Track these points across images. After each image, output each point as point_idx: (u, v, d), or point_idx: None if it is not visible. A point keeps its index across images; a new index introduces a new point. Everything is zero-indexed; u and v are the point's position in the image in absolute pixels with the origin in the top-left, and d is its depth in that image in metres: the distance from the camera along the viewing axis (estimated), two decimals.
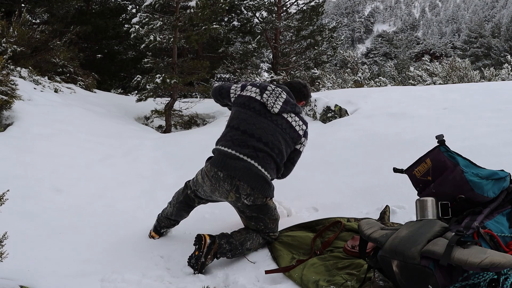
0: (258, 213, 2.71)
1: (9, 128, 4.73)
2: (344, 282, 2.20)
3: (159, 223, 3.07)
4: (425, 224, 1.99)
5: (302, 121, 2.83)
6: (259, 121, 2.70)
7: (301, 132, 2.80)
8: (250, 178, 2.60)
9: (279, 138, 2.70)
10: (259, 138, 2.66)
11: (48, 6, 10.53)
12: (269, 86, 2.81)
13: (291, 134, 2.76)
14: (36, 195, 3.42)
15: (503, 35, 34.85)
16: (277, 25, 13.83)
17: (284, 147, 2.74)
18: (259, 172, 2.63)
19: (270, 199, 2.75)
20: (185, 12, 8.40)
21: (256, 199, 2.65)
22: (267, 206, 2.73)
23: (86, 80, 9.52)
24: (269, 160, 2.67)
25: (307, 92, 3.01)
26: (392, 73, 16.87)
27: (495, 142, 3.56)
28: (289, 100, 2.80)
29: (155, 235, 3.07)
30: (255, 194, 2.62)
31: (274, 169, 2.73)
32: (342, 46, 27.23)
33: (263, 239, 2.77)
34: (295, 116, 2.80)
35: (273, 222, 2.78)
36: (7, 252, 2.05)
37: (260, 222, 2.73)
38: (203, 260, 2.55)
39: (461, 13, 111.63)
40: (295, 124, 2.78)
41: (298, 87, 2.98)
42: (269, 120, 2.72)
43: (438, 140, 2.28)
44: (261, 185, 2.63)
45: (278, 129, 2.71)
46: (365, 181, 3.53)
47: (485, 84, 7.65)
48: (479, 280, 1.73)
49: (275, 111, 2.72)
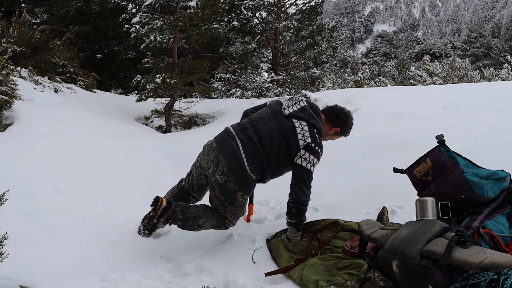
0: (225, 198, 2.74)
1: (9, 128, 4.73)
2: (344, 282, 2.20)
3: None
4: (425, 224, 1.99)
5: (312, 134, 2.65)
6: (268, 119, 2.75)
7: (301, 142, 2.64)
8: (232, 159, 2.66)
9: (274, 139, 2.67)
10: (258, 132, 2.70)
11: (48, 6, 10.53)
12: (296, 97, 2.86)
13: (290, 140, 2.66)
14: (36, 195, 3.41)
15: (503, 35, 34.85)
16: (277, 25, 13.83)
17: (276, 150, 2.66)
18: (241, 159, 2.65)
19: (241, 194, 2.73)
20: (185, 12, 8.40)
21: (227, 182, 2.67)
22: (234, 197, 2.73)
23: (86, 80, 9.52)
24: (255, 153, 2.66)
25: (345, 120, 2.86)
26: (392, 73, 16.86)
27: (495, 142, 3.56)
28: (307, 109, 2.75)
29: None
30: (229, 176, 2.66)
31: (257, 166, 2.67)
32: (342, 46, 27.26)
33: (217, 222, 2.82)
34: (306, 125, 2.67)
35: (232, 214, 2.81)
36: (7, 252, 2.05)
37: (223, 207, 2.78)
38: (155, 222, 2.71)
39: (461, 13, 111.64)
40: (299, 131, 2.66)
41: (336, 111, 2.89)
42: (277, 120, 2.72)
43: (438, 140, 2.28)
44: (237, 171, 2.65)
45: (278, 131, 2.69)
46: (365, 181, 3.53)
47: (485, 84, 7.66)
48: (479, 280, 1.73)
49: (285, 113, 2.73)
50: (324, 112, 2.87)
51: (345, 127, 2.90)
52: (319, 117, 2.78)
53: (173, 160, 4.92)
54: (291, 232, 2.79)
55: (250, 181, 2.72)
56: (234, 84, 13.98)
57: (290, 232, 2.79)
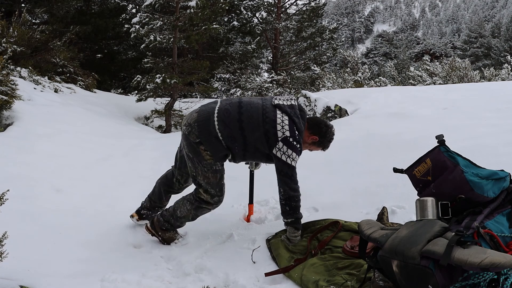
0: (193, 155, 2.75)
1: (9, 128, 4.73)
2: (344, 282, 2.20)
3: (142, 204, 3.22)
4: (425, 224, 1.99)
5: (291, 129, 2.66)
6: (256, 100, 2.81)
7: (279, 133, 2.64)
8: (203, 114, 2.72)
9: (253, 115, 2.69)
10: (241, 102, 2.76)
11: (48, 6, 10.54)
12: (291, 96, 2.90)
13: (268, 127, 2.66)
14: (36, 195, 3.41)
15: (503, 35, 34.83)
16: (277, 25, 13.84)
17: (252, 127, 2.67)
18: (212, 114, 2.69)
19: (203, 148, 2.71)
20: (185, 12, 8.40)
21: (190, 134, 2.71)
22: (199, 153, 2.72)
23: (86, 80, 9.52)
24: (228, 115, 2.69)
25: (325, 131, 2.86)
26: (392, 73, 16.85)
27: (495, 142, 3.57)
28: (295, 108, 2.76)
29: (135, 214, 3.20)
30: (193, 127, 2.70)
31: (227, 127, 2.67)
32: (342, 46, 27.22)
33: (190, 204, 2.88)
34: (288, 119, 2.68)
35: (205, 178, 2.79)
36: (7, 252, 2.05)
37: (194, 168, 2.80)
38: (160, 239, 2.97)
39: (461, 13, 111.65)
40: (279, 122, 2.66)
41: (319, 121, 2.93)
42: (263, 103, 2.76)
43: (438, 140, 2.28)
44: (203, 122, 2.69)
45: (260, 111, 2.71)
46: (365, 181, 3.53)
47: (485, 84, 7.66)
48: (479, 280, 1.73)
49: (274, 102, 2.75)
50: (307, 120, 2.86)
51: (324, 138, 2.88)
52: (303, 120, 2.79)
53: (173, 160, 4.91)
54: (290, 232, 2.79)
55: (213, 137, 2.68)
56: (234, 84, 13.99)
57: (289, 232, 2.79)
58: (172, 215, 2.92)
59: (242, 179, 3.45)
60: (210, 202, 2.88)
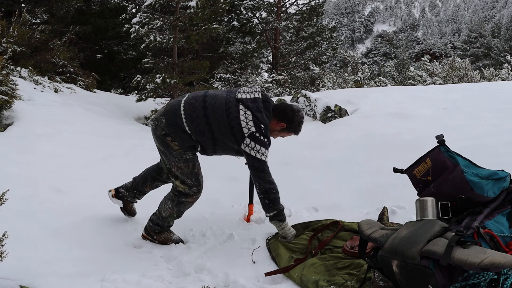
0: (163, 147, 2.80)
1: (9, 128, 4.73)
2: (344, 282, 2.20)
3: (124, 183, 3.25)
4: (425, 224, 1.99)
5: (255, 123, 2.67)
6: (221, 93, 2.83)
7: (245, 130, 2.66)
8: (170, 107, 2.79)
9: (217, 110, 2.71)
10: (205, 96, 2.78)
11: (48, 6, 10.53)
12: (256, 87, 2.88)
13: (233, 123, 2.67)
14: (36, 195, 3.41)
15: (503, 35, 34.83)
16: (277, 25, 13.84)
17: (218, 122, 2.69)
18: (178, 108, 2.74)
19: (170, 139, 2.75)
20: (185, 12, 8.40)
21: (157, 127, 2.76)
22: (167, 144, 2.76)
23: (86, 80, 9.51)
24: (194, 109, 2.72)
25: (292, 115, 2.85)
26: (392, 73, 16.85)
27: (495, 142, 3.57)
28: (258, 101, 2.75)
29: (112, 190, 3.25)
30: (160, 120, 2.76)
31: (194, 121, 2.71)
32: (342, 46, 27.24)
33: (170, 201, 2.92)
34: (251, 115, 2.68)
35: (178, 169, 2.83)
36: (7, 252, 2.05)
37: (166, 159, 2.85)
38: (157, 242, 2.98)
39: (461, 13, 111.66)
40: (242, 119, 2.67)
41: (284, 107, 2.90)
42: (227, 96, 2.77)
43: (438, 140, 2.28)
44: (169, 115, 2.74)
45: (223, 106, 2.72)
46: (365, 181, 3.54)
47: (485, 84, 7.65)
48: (479, 280, 1.73)
49: (237, 96, 2.76)
50: (273, 108, 2.86)
51: (291, 123, 2.87)
52: (268, 112, 2.79)
53: None
54: (277, 227, 2.81)
55: (180, 130, 2.72)
56: (234, 84, 13.99)
57: (277, 227, 2.82)
58: (159, 217, 2.97)
59: (242, 179, 3.46)
60: (189, 193, 2.90)
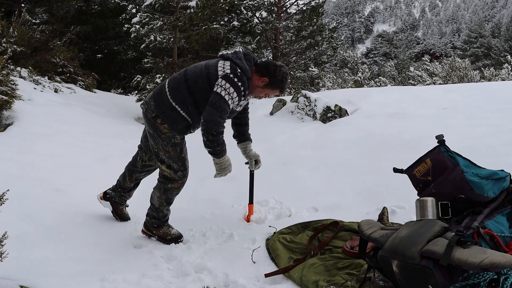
0: (153, 131, 2.83)
1: (9, 128, 4.73)
2: (344, 282, 2.20)
3: (112, 185, 3.33)
4: (425, 224, 1.99)
5: (232, 67, 2.66)
6: (202, 62, 2.85)
7: (220, 72, 2.65)
8: (157, 90, 2.86)
9: (197, 71, 2.74)
10: (187, 68, 2.83)
11: (48, 6, 10.53)
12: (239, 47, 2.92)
13: (210, 71, 2.69)
14: (36, 195, 3.41)
15: (503, 35, 34.86)
16: (277, 25, 13.84)
17: (195, 83, 2.71)
18: (163, 86, 2.81)
19: (160, 121, 2.77)
20: (185, 12, 8.40)
21: (148, 110, 2.80)
22: (157, 127, 2.79)
23: (86, 80, 9.51)
24: (176, 81, 2.77)
25: (274, 69, 2.80)
26: (392, 73, 16.87)
27: (495, 142, 3.57)
28: (239, 53, 2.77)
29: (101, 194, 3.35)
30: (149, 104, 2.81)
31: (177, 92, 2.74)
32: (342, 46, 27.23)
33: (157, 190, 2.97)
34: (229, 63, 2.69)
35: (166, 153, 2.85)
36: (7, 252, 2.05)
37: (155, 143, 2.87)
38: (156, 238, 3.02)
39: (461, 13, 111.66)
40: (220, 65, 2.69)
41: (266, 62, 2.89)
42: (209, 61, 2.81)
43: (438, 140, 2.28)
44: (156, 97, 2.79)
45: (203, 66, 2.75)
46: (365, 181, 3.54)
47: (485, 84, 7.66)
48: (479, 280, 1.73)
49: (218, 55, 2.81)
50: (256, 64, 2.85)
51: (274, 77, 2.80)
52: (248, 62, 2.77)
53: None
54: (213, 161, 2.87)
55: (169, 108, 2.75)
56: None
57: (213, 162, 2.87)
58: (153, 210, 3.01)
59: (242, 179, 3.46)
60: (174, 178, 2.92)
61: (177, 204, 3.20)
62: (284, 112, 6.20)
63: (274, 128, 5.64)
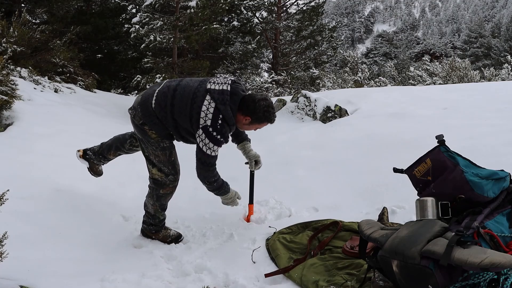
0: (142, 136, 2.87)
1: (9, 128, 4.73)
2: (344, 282, 2.20)
3: (94, 146, 3.44)
4: (425, 224, 1.99)
5: (214, 118, 2.62)
6: (195, 81, 2.83)
7: (201, 121, 2.63)
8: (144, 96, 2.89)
9: (184, 96, 2.72)
10: (179, 85, 2.80)
11: (48, 6, 10.52)
12: (228, 78, 2.85)
13: (194, 113, 2.67)
14: (36, 195, 3.41)
15: (503, 35, 34.87)
16: (277, 25, 13.84)
17: (181, 106, 2.71)
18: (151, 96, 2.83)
19: (147, 128, 2.82)
20: (185, 12, 8.40)
21: (135, 116, 2.86)
22: (145, 132, 2.83)
23: (86, 80, 9.50)
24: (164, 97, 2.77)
25: (253, 107, 2.72)
26: (392, 73, 16.87)
27: (495, 142, 3.57)
28: (226, 93, 2.67)
29: (81, 150, 3.45)
30: (137, 109, 2.86)
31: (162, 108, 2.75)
32: (342, 46, 27.23)
33: (150, 197, 3.00)
34: (213, 108, 2.63)
35: (156, 157, 2.90)
36: (7, 252, 2.05)
37: (145, 148, 2.92)
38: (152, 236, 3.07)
39: (461, 13, 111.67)
40: (204, 109, 2.64)
41: (246, 100, 2.75)
42: (198, 85, 2.76)
43: (438, 140, 2.28)
44: (143, 104, 2.83)
45: (191, 93, 2.72)
46: (365, 181, 3.54)
47: (485, 84, 7.66)
48: (479, 280, 1.73)
49: (207, 86, 2.74)
50: (240, 101, 2.77)
51: (255, 115, 2.75)
52: (234, 105, 2.72)
53: None
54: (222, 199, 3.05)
55: (154, 117, 2.78)
56: None
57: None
58: (149, 217, 3.05)
59: (242, 179, 3.46)
60: (166, 181, 2.94)
61: (177, 204, 3.20)
62: (284, 112, 6.20)
63: (274, 128, 5.60)
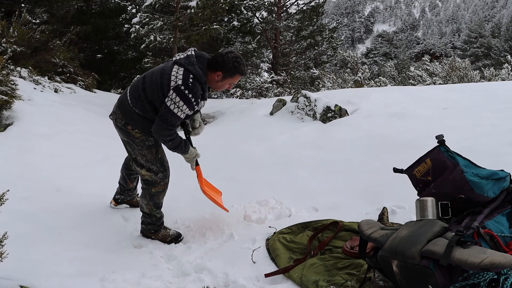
0: (127, 138, 2.89)
1: (9, 128, 4.73)
2: (344, 282, 2.20)
3: (116, 190, 3.48)
4: (425, 224, 1.99)
5: (184, 77, 2.60)
6: (159, 67, 2.82)
7: (172, 83, 2.61)
8: (121, 98, 2.91)
9: (153, 77, 2.73)
10: (144, 81, 2.79)
11: (48, 6, 10.52)
12: (190, 48, 2.86)
13: (164, 81, 2.65)
14: (36, 195, 3.41)
15: (503, 35, 34.86)
16: (277, 25, 13.83)
17: (152, 86, 2.70)
18: (125, 95, 2.85)
19: (131, 127, 2.82)
20: (185, 12, 8.40)
21: (117, 119, 2.87)
22: (129, 133, 2.84)
23: (86, 80, 9.50)
24: (136, 88, 2.79)
25: (222, 60, 2.73)
26: (392, 73, 16.87)
27: (495, 142, 3.57)
28: (191, 57, 2.70)
29: (112, 201, 3.49)
30: (117, 113, 2.89)
31: (137, 100, 2.76)
32: (342, 46, 27.24)
33: (144, 199, 3.00)
34: (182, 70, 2.63)
35: (143, 157, 2.90)
36: (7, 252, 2.05)
37: (131, 149, 2.93)
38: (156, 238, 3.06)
39: (461, 13, 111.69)
40: (173, 73, 2.63)
41: (215, 56, 2.77)
42: (165, 66, 2.78)
43: (438, 140, 2.28)
44: (122, 105, 2.84)
45: (159, 71, 2.73)
46: (365, 181, 3.54)
47: (485, 84, 7.65)
48: (479, 280, 1.73)
49: (173, 59, 2.76)
50: (208, 60, 2.78)
51: (226, 67, 2.74)
52: (201, 64, 2.71)
53: (173, 160, 4.90)
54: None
55: (134, 114, 2.78)
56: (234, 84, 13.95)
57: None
58: (146, 217, 3.05)
59: (242, 179, 3.46)
60: (156, 180, 2.94)
61: (177, 204, 3.20)
62: (284, 112, 6.20)
63: (274, 128, 5.63)
